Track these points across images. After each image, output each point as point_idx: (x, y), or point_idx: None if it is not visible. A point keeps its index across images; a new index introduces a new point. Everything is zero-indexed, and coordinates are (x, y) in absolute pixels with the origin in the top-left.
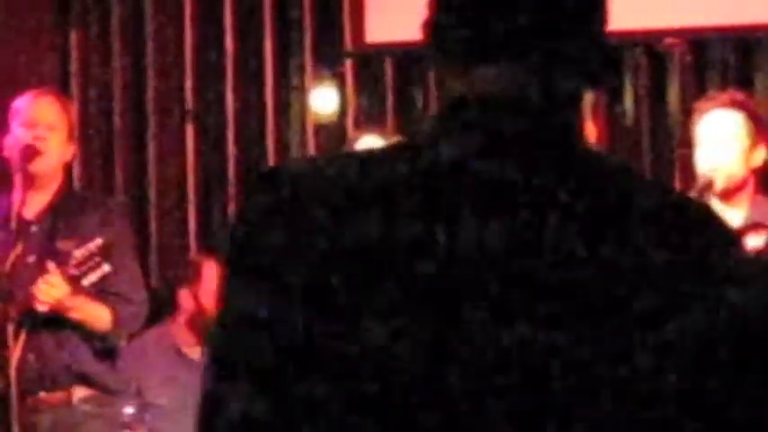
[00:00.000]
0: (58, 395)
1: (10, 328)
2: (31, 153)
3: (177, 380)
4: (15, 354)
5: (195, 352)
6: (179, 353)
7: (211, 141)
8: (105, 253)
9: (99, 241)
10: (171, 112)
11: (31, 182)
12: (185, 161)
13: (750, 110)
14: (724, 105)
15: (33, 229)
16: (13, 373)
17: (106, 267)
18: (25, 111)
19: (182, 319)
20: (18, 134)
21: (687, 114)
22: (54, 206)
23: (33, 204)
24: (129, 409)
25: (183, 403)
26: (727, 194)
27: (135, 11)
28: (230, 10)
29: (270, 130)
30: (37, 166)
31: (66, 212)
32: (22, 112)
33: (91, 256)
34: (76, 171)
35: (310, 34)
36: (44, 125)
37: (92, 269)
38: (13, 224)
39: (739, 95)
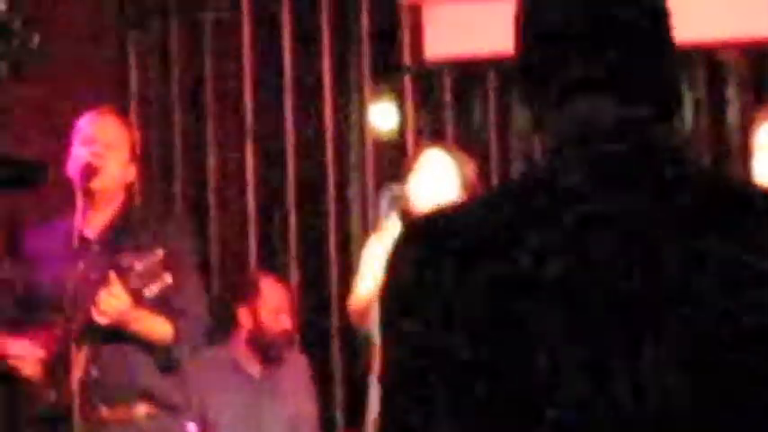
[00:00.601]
0: (121, 411)
1: (73, 347)
2: (89, 171)
3: (238, 398)
4: (77, 370)
5: (255, 369)
6: (239, 370)
7: (271, 160)
8: (166, 264)
9: (160, 253)
10: (231, 131)
11: (91, 201)
12: (245, 180)
13: None
14: None
15: (95, 247)
16: (75, 389)
17: (168, 278)
18: (85, 130)
19: (241, 336)
20: (78, 153)
21: (746, 124)
22: (114, 223)
23: (94, 223)
24: (191, 428)
25: (244, 421)
26: None
27: (194, 33)
28: (288, 27)
29: (329, 148)
30: (96, 184)
31: (126, 228)
32: (82, 132)
33: (152, 267)
34: (136, 191)
35: (368, 50)
36: (103, 143)
37: (153, 280)
38: (76, 244)
39: None
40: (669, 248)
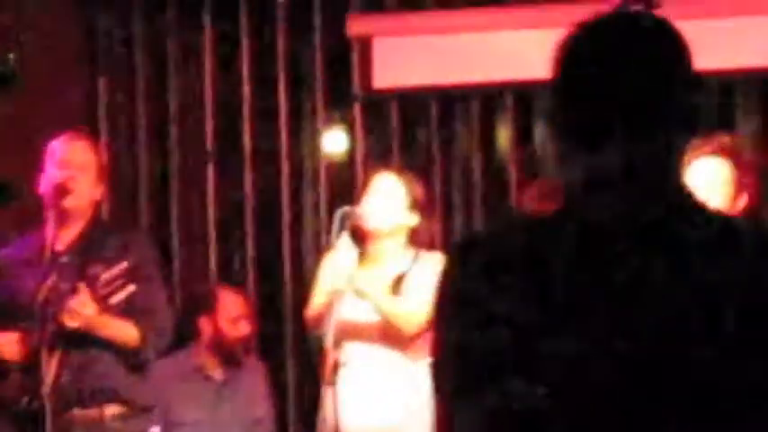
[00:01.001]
0: (91, 412)
1: (44, 352)
2: (62, 191)
3: (200, 399)
4: (50, 374)
5: (217, 373)
6: (202, 374)
7: (230, 181)
8: (130, 275)
9: (124, 264)
10: (192, 153)
11: (62, 217)
12: (206, 199)
13: (736, 157)
14: (712, 152)
15: (64, 259)
16: (46, 392)
17: (131, 287)
18: (59, 152)
19: (203, 343)
20: (51, 173)
21: None
22: (83, 237)
23: (64, 237)
24: (155, 429)
25: (206, 421)
26: None
27: (159, 60)
28: (247, 56)
29: (284, 171)
30: (68, 203)
31: (94, 241)
32: (55, 154)
33: (117, 277)
34: (104, 208)
35: (321, 80)
36: (75, 166)
37: (118, 289)
38: (47, 257)
39: (727, 141)
40: (677, 260)
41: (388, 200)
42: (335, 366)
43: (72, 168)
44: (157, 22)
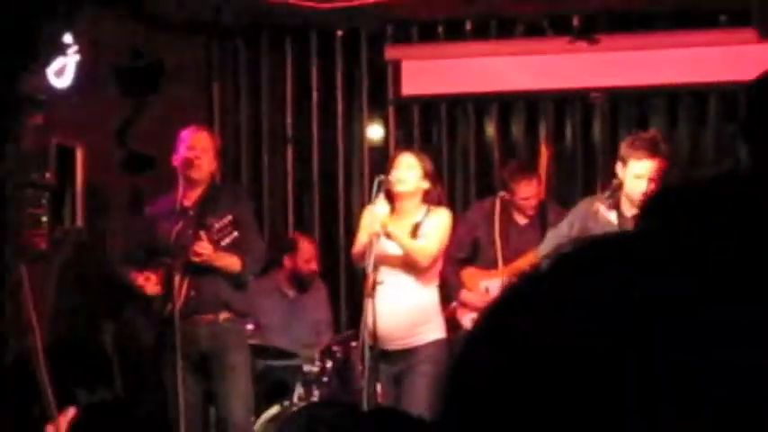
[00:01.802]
0: (210, 316)
1: (177, 276)
2: (190, 164)
3: (279, 308)
4: (180, 293)
5: (291, 293)
6: (281, 293)
7: (303, 160)
8: (234, 224)
9: (229, 217)
10: (278, 138)
11: (189, 182)
12: (286, 170)
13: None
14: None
15: (190, 212)
16: (178, 304)
17: (235, 234)
18: (187, 138)
19: (283, 273)
20: (182, 152)
21: None
22: (203, 197)
23: (190, 196)
24: (249, 326)
25: (283, 323)
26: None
27: (255, 75)
28: (316, 73)
29: (340, 150)
30: (192, 172)
31: (210, 200)
32: (185, 139)
33: (224, 227)
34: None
35: (367, 89)
36: (198, 147)
37: (225, 236)
38: (177, 208)
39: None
40: None
41: (409, 171)
42: (374, 285)
43: (196, 150)
44: (253, 50)
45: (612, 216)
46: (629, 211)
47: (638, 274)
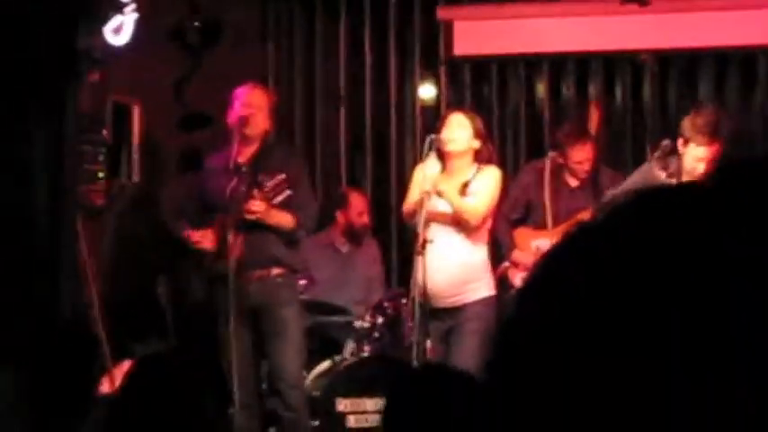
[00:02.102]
0: (261, 272)
1: (230, 232)
2: (245, 121)
3: (332, 264)
4: (235, 249)
5: (344, 247)
6: (335, 249)
7: (356, 116)
8: (286, 183)
9: (283, 176)
10: (331, 97)
11: (243, 140)
12: (338, 130)
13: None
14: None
15: (244, 169)
16: (232, 260)
17: (287, 192)
18: (242, 96)
19: (337, 228)
20: (237, 110)
21: None
22: (257, 154)
23: (244, 154)
24: (302, 281)
25: (336, 279)
26: None
27: (310, 39)
28: (368, 35)
29: (393, 110)
30: (248, 131)
31: (264, 157)
32: (240, 97)
33: (278, 185)
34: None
35: (419, 49)
36: (253, 105)
37: (278, 193)
38: (232, 166)
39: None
40: None
41: (459, 130)
42: (424, 242)
43: (251, 107)
44: (308, 10)
45: (667, 179)
46: (685, 173)
47: (699, 227)
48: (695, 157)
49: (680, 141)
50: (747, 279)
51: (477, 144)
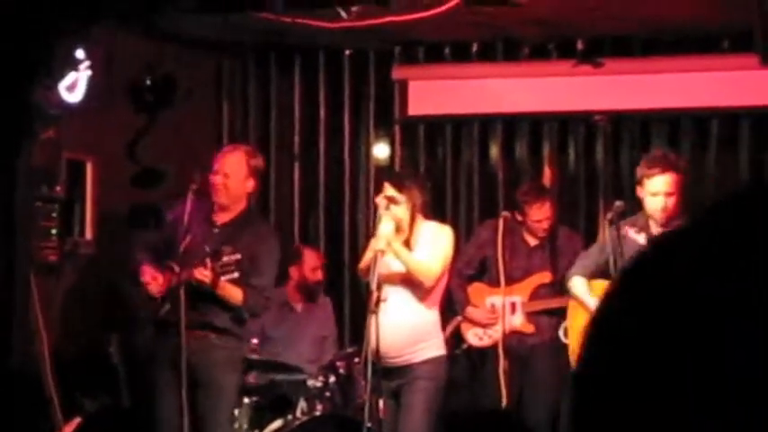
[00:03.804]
0: (201, 332)
1: (180, 286)
2: (212, 188)
3: (286, 322)
4: (179, 301)
5: (299, 306)
6: (290, 307)
7: (310, 175)
8: (238, 265)
9: (238, 256)
10: (285, 154)
11: (217, 205)
12: (293, 186)
13: (680, 170)
14: (664, 170)
15: (216, 230)
16: (180, 315)
17: (235, 275)
18: (216, 159)
19: (291, 284)
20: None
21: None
22: (233, 222)
23: (223, 215)
24: (254, 340)
25: (289, 337)
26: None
27: (265, 98)
28: (323, 91)
29: (347, 168)
30: (215, 197)
31: (238, 227)
32: (215, 161)
33: (230, 263)
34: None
35: (374, 109)
36: (222, 171)
37: (227, 272)
38: (209, 223)
39: (673, 159)
40: None
41: (386, 224)
42: (377, 300)
43: (219, 173)
44: (263, 68)
45: (641, 239)
46: (657, 231)
47: (688, 275)
48: (650, 192)
49: (638, 189)
50: (738, 315)
51: (406, 216)
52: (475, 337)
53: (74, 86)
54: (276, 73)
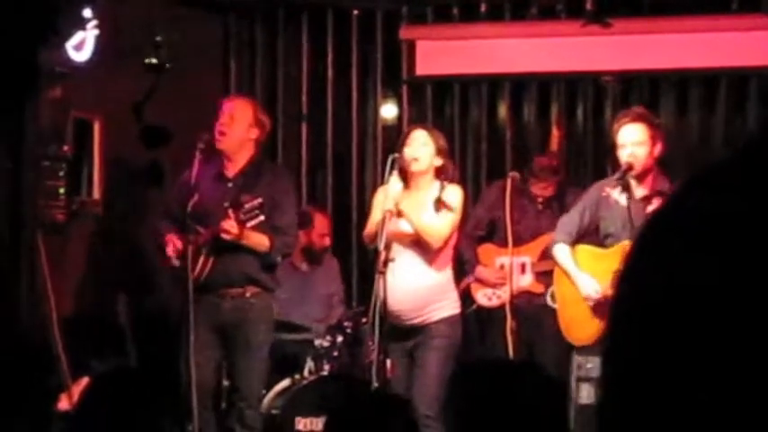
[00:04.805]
0: (236, 290)
1: (203, 249)
2: (215, 136)
3: (291, 282)
4: (207, 263)
5: (303, 266)
6: (294, 267)
7: (317, 135)
8: (262, 208)
9: (259, 200)
10: (293, 115)
11: (223, 154)
12: (300, 147)
13: (649, 120)
14: (632, 120)
15: (230, 184)
16: (203, 273)
17: (261, 217)
18: (220, 108)
19: (298, 247)
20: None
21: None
22: (245, 170)
23: (231, 168)
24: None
25: (295, 297)
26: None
27: (273, 56)
28: (332, 53)
29: (354, 129)
30: (218, 144)
31: (251, 175)
32: (219, 109)
33: (253, 208)
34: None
35: (381, 69)
36: (225, 118)
37: (252, 218)
38: (218, 181)
39: (641, 110)
40: None
41: (422, 148)
42: (386, 261)
43: (222, 120)
44: (270, 28)
45: (623, 199)
46: (639, 191)
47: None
48: (621, 143)
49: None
50: None
51: (439, 161)
52: (484, 297)
53: (81, 46)
54: (283, 33)
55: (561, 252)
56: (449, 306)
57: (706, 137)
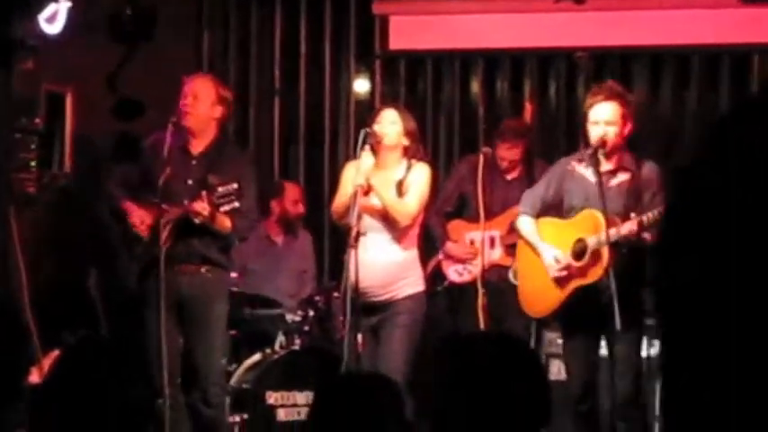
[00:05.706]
0: (191, 267)
1: (168, 224)
2: (180, 113)
3: (266, 256)
4: (168, 238)
5: (279, 239)
6: (270, 240)
7: (290, 109)
8: (237, 194)
9: (235, 185)
10: (265, 89)
11: (188, 131)
12: (272, 122)
13: (622, 98)
14: (606, 98)
15: (193, 162)
16: (163, 248)
17: (236, 204)
18: (184, 85)
19: (272, 217)
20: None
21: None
22: (209, 149)
23: (196, 145)
24: (233, 274)
25: (268, 271)
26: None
27: (245, 29)
28: (304, 26)
29: (327, 103)
30: (184, 121)
31: (215, 155)
32: (183, 86)
33: (229, 194)
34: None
35: (354, 43)
36: (190, 95)
37: (227, 203)
38: (183, 157)
39: (615, 87)
40: None
41: (391, 125)
42: (357, 235)
43: (187, 98)
44: (243, 2)
45: (589, 173)
46: (605, 166)
47: None
48: (593, 121)
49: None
50: None
51: (406, 141)
52: (455, 273)
53: (53, 18)
54: (257, 7)
55: (524, 223)
56: (414, 283)
57: (678, 114)
